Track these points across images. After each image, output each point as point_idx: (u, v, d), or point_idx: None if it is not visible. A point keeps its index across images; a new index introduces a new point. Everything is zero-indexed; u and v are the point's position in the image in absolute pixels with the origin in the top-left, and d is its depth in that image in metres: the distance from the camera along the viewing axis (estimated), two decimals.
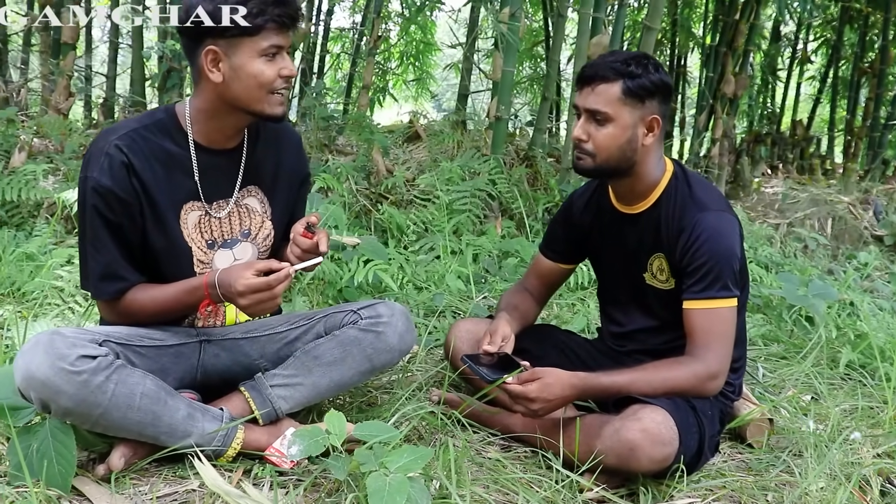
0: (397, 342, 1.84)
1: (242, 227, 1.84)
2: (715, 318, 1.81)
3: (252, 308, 1.61)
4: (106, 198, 1.62)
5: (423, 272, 3.40)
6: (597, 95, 1.80)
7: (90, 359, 1.50)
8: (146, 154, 1.67)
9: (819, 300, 3.00)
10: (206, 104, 1.70)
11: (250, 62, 1.61)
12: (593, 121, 1.82)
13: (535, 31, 7.39)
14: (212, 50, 1.61)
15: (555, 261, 2.21)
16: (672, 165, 1.96)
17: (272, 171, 1.88)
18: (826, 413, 2.28)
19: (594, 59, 1.87)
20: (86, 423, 1.55)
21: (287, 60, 1.66)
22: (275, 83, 1.64)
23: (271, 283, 1.59)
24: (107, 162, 1.62)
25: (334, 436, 1.59)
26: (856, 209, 5.91)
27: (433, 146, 4.97)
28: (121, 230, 1.66)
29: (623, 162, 1.85)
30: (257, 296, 1.59)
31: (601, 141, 1.82)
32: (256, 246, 1.88)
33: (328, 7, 6.69)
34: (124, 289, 1.71)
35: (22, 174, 3.65)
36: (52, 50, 5.21)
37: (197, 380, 1.84)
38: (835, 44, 7.66)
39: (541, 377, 1.75)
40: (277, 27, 1.60)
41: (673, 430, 1.66)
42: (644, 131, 1.84)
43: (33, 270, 2.80)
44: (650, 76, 1.80)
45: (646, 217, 1.95)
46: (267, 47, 1.61)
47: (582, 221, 2.12)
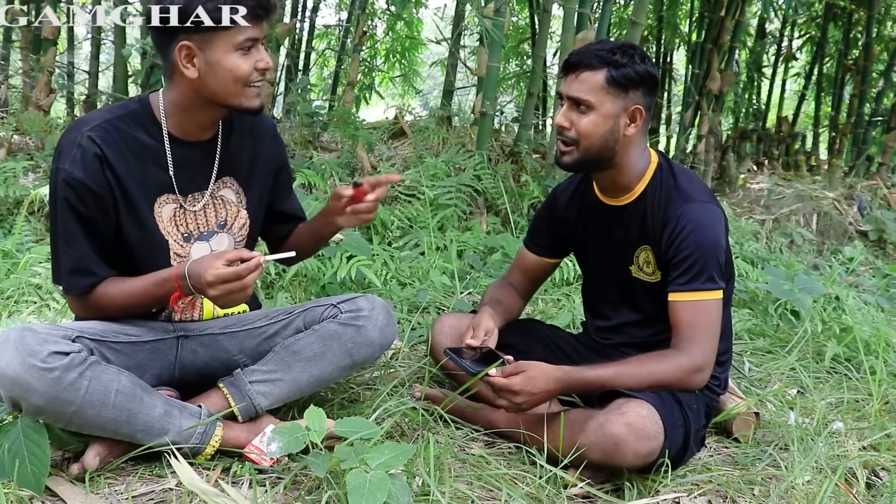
0: (378, 336, 1.82)
1: (218, 219, 1.81)
2: (700, 311, 1.79)
3: (222, 299, 1.56)
4: (77, 190, 1.58)
5: (407, 268, 3.38)
6: (580, 83, 1.78)
7: (62, 355, 1.46)
8: (119, 145, 1.63)
9: (804, 294, 3.01)
10: (180, 98, 1.66)
11: (226, 56, 1.58)
12: (576, 108, 1.80)
13: (521, 27, 7.37)
14: (185, 45, 1.57)
15: (539, 255, 2.19)
16: (657, 157, 1.94)
17: (248, 161, 1.84)
18: (812, 406, 2.27)
19: (580, 47, 1.84)
20: (59, 422, 1.52)
21: (262, 52, 1.63)
22: (251, 76, 1.61)
23: (241, 272, 1.53)
24: (79, 153, 1.58)
25: (314, 432, 1.57)
26: (840, 205, 5.92)
27: (418, 142, 4.95)
28: (93, 224, 1.62)
29: (605, 151, 1.83)
30: (227, 286, 1.53)
31: (583, 128, 1.80)
32: (232, 236, 1.84)
33: (314, 4, 6.65)
34: (94, 283, 1.67)
35: (1, 171, 3.60)
36: (32, 46, 5.14)
37: (175, 376, 1.81)
38: (819, 41, 7.68)
39: (525, 370, 1.73)
40: (251, 19, 1.57)
41: (658, 424, 1.64)
42: (626, 121, 1.82)
43: (10, 268, 2.76)
44: (635, 66, 1.78)
45: (631, 209, 1.93)
46: (242, 41, 1.57)
47: (566, 215, 2.10)
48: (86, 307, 1.70)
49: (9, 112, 5.08)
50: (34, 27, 5.13)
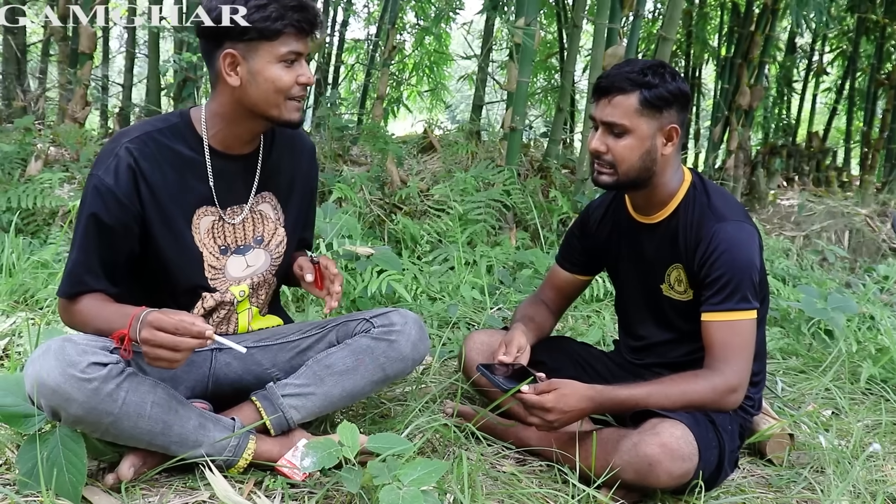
0: (410, 351, 1.82)
1: (256, 234, 1.83)
2: (734, 331, 1.77)
3: (148, 355, 1.47)
4: (104, 197, 1.60)
5: (437, 283, 3.38)
6: (614, 107, 1.77)
7: (101, 366, 1.48)
8: (157, 158, 1.65)
9: (838, 313, 2.95)
10: (223, 108, 1.68)
11: (268, 67, 1.60)
12: (611, 133, 1.79)
13: (550, 42, 7.39)
14: (230, 53, 1.59)
15: (571, 272, 2.18)
16: (690, 175, 1.93)
17: (288, 177, 1.86)
18: (848, 428, 2.23)
19: (610, 70, 1.83)
20: (96, 432, 1.53)
21: (305, 67, 1.65)
22: (292, 90, 1.63)
23: (178, 344, 1.46)
24: (114, 163, 1.61)
25: (347, 448, 1.57)
26: (873, 221, 5.85)
27: (447, 157, 4.97)
28: (109, 234, 1.62)
29: (643, 172, 1.82)
30: (158, 351, 1.46)
31: (620, 152, 1.79)
32: (269, 253, 1.86)
33: (343, 18, 6.72)
34: (82, 292, 1.65)
35: (38, 182, 3.67)
36: (69, 60, 5.25)
37: (208, 389, 1.82)
38: (851, 55, 7.62)
39: (557, 388, 1.72)
40: (296, 32, 1.59)
41: (692, 444, 1.62)
42: (663, 141, 1.81)
43: (47, 278, 2.80)
44: (667, 85, 1.77)
45: (663, 227, 1.91)
46: (286, 53, 1.59)
47: (599, 233, 2.09)
48: (68, 313, 1.68)
49: (45, 124, 5.17)
50: (71, 42, 5.24)
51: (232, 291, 1.80)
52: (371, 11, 7.15)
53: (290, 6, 1.57)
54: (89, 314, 1.64)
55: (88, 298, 1.65)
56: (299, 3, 1.58)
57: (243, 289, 1.81)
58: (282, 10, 1.56)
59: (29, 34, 6.67)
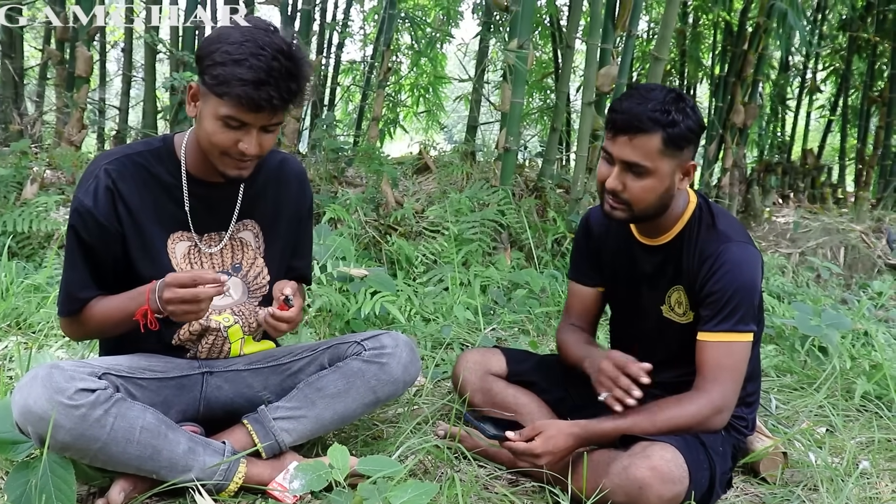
0: (401, 374, 1.82)
1: (234, 261, 1.83)
2: (728, 353, 1.77)
3: (175, 314, 1.55)
4: (84, 218, 1.64)
5: (431, 304, 3.38)
6: (634, 148, 1.71)
7: (89, 392, 1.48)
8: (135, 179, 1.68)
9: (832, 330, 2.96)
10: (195, 136, 1.70)
11: (210, 118, 1.57)
12: (629, 171, 1.75)
13: (545, 62, 7.43)
14: (193, 85, 1.61)
15: (591, 286, 2.12)
16: (696, 197, 1.91)
17: (273, 204, 1.86)
18: (842, 446, 2.23)
19: (629, 104, 1.72)
20: (84, 458, 1.53)
21: (251, 137, 1.57)
22: (229, 150, 1.59)
23: (197, 293, 1.52)
24: (93, 185, 1.64)
25: (337, 470, 1.57)
26: (868, 238, 5.85)
27: (442, 178, 4.98)
28: (92, 251, 1.66)
29: (660, 209, 1.81)
30: (182, 300, 1.53)
31: (638, 193, 1.75)
32: (247, 284, 1.84)
33: (339, 40, 6.76)
34: (81, 307, 1.70)
35: (33, 206, 3.68)
36: (66, 83, 5.27)
37: (200, 412, 1.82)
38: (844, 73, 7.66)
39: (542, 431, 1.72)
40: (239, 104, 1.51)
41: (682, 467, 1.62)
42: (680, 177, 1.79)
43: (40, 302, 2.80)
44: (688, 122, 1.71)
45: (667, 249, 1.90)
46: (224, 116, 1.54)
47: (601, 240, 2.05)
48: (74, 327, 1.74)
49: (42, 148, 5.19)
50: (68, 65, 5.27)
51: (214, 319, 1.80)
52: (367, 33, 7.20)
53: (242, 78, 1.48)
54: (98, 315, 1.69)
55: (89, 306, 1.69)
56: (256, 78, 1.49)
57: (227, 317, 1.82)
58: (230, 77, 1.49)
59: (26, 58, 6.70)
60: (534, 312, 3.47)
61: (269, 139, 1.62)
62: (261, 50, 1.50)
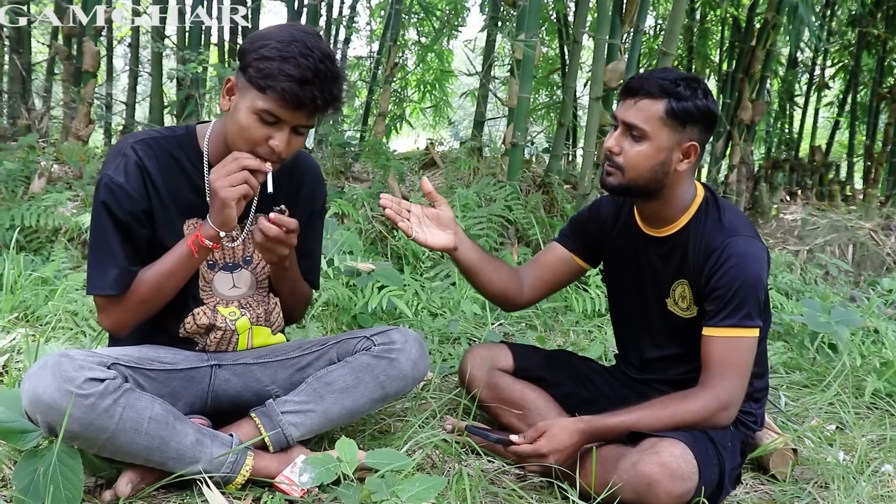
0: (410, 369, 1.81)
1: (245, 253, 1.82)
2: (734, 348, 1.75)
3: (230, 197, 1.57)
4: (116, 193, 1.63)
5: (438, 298, 3.38)
6: (638, 110, 1.73)
7: (98, 381, 1.47)
8: (160, 161, 1.68)
9: (842, 327, 2.93)
10: (223, 129, 1.69)
11: (245, 111, 1.57)
12: (629, 135, 1.75)
13: (552, 58, 7.42)
14: (231, 79, 1.62)
15: (571, 250, 2.08)
16: (703, 190, 1.89)
17: (286, 201, 1.84)
18: (852, 443, 2.21)
19: (644, 72, 1.78)
20: (93, 448, 1.53)
21: (283, 135, 1.59)
22: (259, 146, 1.59)
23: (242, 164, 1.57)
24: (122, 162, 1.65)
25: (345, 464, 1.56)
26: (877, 235, 5.83)
27: (449, 173, 4.97)
28: (127, 229, 1.65)
29: (653, 183, 1.78)
30: (231, 184, 1.56)
31: (632, 158, 1.75)
32: (255, 276, 1.85)
33: (345, 36, 6.76)
34: (129, 283, 1.67)
35: (41, 200, 3.69)
36: (73, 78, 5.29)
37: (208, 405, 1.81)
38: (853, 69, 7.63)
39: (546, 430, 1.72)
40: (281, 99, 1.53)
41: (692, 463, 1.60)
42: (680, 156, 1.77)
43: (48, 295, 2.80)
44: (697, 101, 1.72)
45: (672, 241, 1.88)
46: (262, 109, 1.55)
47: (606, 227, 2.03)
48: (120, 307, 1.68)
49: (49, 142, 5.20)
50: (75, 60, 5.28)
51: (221, 312, 1.80)
52: (374, 29, 7.20)
53: (289, 74, 1.51)
54: (150, 278, 1.67)
55: (136, 279, 1.67)
56: (301, 76, 1.52)
57: (233, 311, 1.81)
58: (277, 72, 1.51)
59: (34, 53, 6.72)
60: (541, 307, 3.46)
61: (297, 141, 1.64)
62: (309, 51, 1.53)
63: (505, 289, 2.04)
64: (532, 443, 1.71)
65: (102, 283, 1.65)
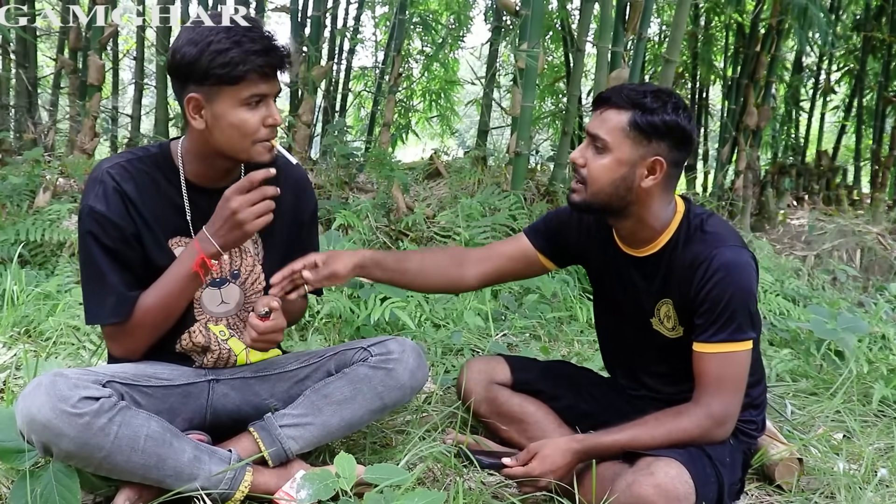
0: (408, 379, 1.80)
1: (232, 267, 1.81)
2: (727, 363, 1.70)
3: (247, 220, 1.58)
4: (100, 222, 1.62)
5: (441, 310, 3.36)
6: (602, 121, 1.69)
7: (93, 400, 1.47)
8: (138, 183, 1.67)
9: (849, 333, 2.90)
10: (194, 146, 1.68)
11: (231, 111, 1.57)
12: (593, 146, 1.71)
13: (556, 66, 7.42)
14: (193, 97, 1.58)
15: (536, 247, 2.00)
16: (683, 206, 1.83)
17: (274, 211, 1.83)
18: (859, 452, 2.19)
19: (620, 84, 1.74)
20: (89, 467, 1.52)
21: (272, 108, 1.61)
22: (258, 133, 1.60)
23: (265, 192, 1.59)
24: (101, 189, 1.63)
25: (344, 479, 1.55)
26: (885, 240, 5.79)
27: (454, 183, 4.97)
28: (118, 255, 1.64)
29: (615, 199, 1.72)
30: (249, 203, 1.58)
31: (594, 170, 1.70)
32: (244, 291, 1.83)
33: (350, 46, 6.77)
34: (130, 310, 1.67)
35: (46, 214, 3.69)
36: (79, 92, 5.31)
37: (206, 420, 1.80)
38: (858, 74, 7.59)
39: (537, 451, 1.70)
40: (259, 76, 1.56)
41: (688, 484, 1.57)
42: (644, 172, 1.69)
43: (50, 310, 2.80)
44: (664, 115, 1.65)
45: (653, 261, 1.82)
46: (248, 97, 1.57)
47: (588, 233, 1.96)
48: (126, 333, 1.69)
49: (54, 156, 5.22)
50: (81, 74, 5.31)
51: (212, 330, 1.79)
52: (378, 39, 7.21)
53: (253, 50, 1.53)
54: (152, 302, 1.67)
55: (138, 303, 1.67)
56: (263, 46, 1.54)
57: (222, 329, 1.81)
58: (243, 55, 1.52)
59: (40, 67, 6.76)
60: (545, 318, 3.45)
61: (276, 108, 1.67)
62: (244, 29, 1.56)
63: (440, 283, 2.01)
64: (525, 465, 1.69)
65: (100, 312, 1.66)
